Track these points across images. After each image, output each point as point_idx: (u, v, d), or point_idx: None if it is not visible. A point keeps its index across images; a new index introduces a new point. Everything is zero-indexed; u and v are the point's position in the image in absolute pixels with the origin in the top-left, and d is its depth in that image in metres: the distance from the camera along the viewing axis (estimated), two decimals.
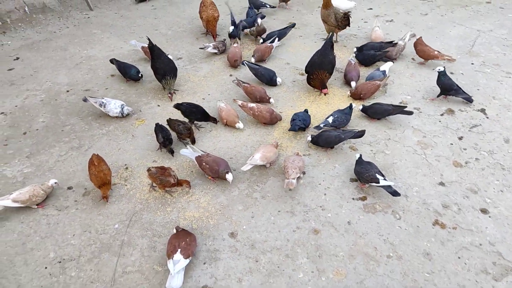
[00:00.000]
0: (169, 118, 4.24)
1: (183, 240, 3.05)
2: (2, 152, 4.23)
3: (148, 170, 3.59)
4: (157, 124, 4.13)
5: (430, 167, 3.89)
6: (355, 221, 3.39)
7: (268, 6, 7.09)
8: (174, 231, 3.19)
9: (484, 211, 3.47)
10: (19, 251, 3.23)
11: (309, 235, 3.29)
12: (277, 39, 5.75)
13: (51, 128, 4.53)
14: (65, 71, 5.57)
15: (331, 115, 4.30)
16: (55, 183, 3.63)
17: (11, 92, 5.18)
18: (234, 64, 5.41)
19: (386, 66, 5.05)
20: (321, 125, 4.22)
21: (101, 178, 3.53)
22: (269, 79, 5.07)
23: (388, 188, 3.49)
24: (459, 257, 3.11)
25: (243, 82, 4.81)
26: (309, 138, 4.10)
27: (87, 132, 4.46)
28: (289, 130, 4.24)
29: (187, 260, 2.96)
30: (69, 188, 3.79)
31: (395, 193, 3.45)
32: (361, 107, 4.49)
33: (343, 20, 5.70)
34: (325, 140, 4.02)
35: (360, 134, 4.01)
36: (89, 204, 3.61)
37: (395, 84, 5.05)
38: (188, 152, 3.89)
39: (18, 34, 6.57)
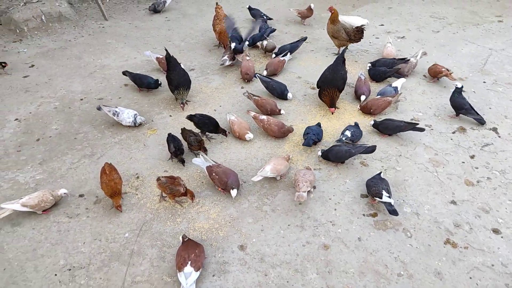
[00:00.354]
0: (183, 128, 4.27)
1: (192, 252, 3.05)
2: (15, 158, 4.28)
3: (158, 179, 3.61)
4: (169, 134, 4.17)
5: (441, 185, 3.87)
6: (366, 238, 3.37)
7: (265, 17, 7.26)
8: (181, 239, 3.20)
9: (496, 231, 3.43)
10: (29, 257, 3.25)
11: (319, 250, 3.28)
12: (289, 53, 5.79)
13: (64, 136, 4.59)
14: (79, 80, 5.65)
15: (347, 129, 4.31)
16: (65, 193, 3.65)
17: (26, 99, 5.26)
18: (245, 77, 5.45)
19: (398, 83, 5.07)
20: (343, 139, 4.22)
21: (112, 187, 3.55)
22: (280, 93, 5.10)
23: (388, 205, 3.48)
24: (470, 278, 3.07)
25: (254, 95, 4.84)
26: (319, 153, 4.11)
27: (99, 140, 4.50)
28: (303, 145, 4.23)
29: (198, 273, 2.96)
30: (81, 195, 3.82)
31: (392, 212, 3.44)
32: (372, 122, 4.50)
33: (357, 33, 5.77)
34: (336, 155, 4.02)
35: (371, 149, 4.01)
36: (100, 212, 3.63)
37: (406, 100, 5.05)
38: (199, 162, 3.92)
39: (34, 42, 6.69)
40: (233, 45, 5.66)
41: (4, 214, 3.50)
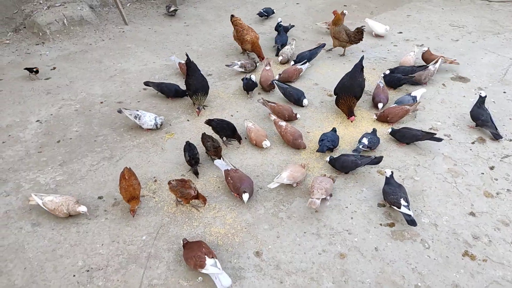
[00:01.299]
0: (204, 133, 4.30)
1: (200, 248, 3.11)
2: (36, 159, 4.37)
3: (169, 183, 3.64)
4: (187, 142, 4.19)
5: (460, 196, 3.83)
6: (383, 248, 3.35)
7: (266, 14, 7.67)
8: (182, 243, 3.24)
9: None
10: (49, 257, 3.31)
11: (335, 259, 3.27)
12: (307, 63, 5.79)
13: (84, 138, 4.67)
14: (100, 83, 5.75)
15: (364, 136, 4.28)
16: (83, 211, 3.57)
17: (47, 100, 5.37)
18: (268, 88, 5.45)
19: (418, 92, 5.02)
20: (360, 147, 4.19)
21: (130, 192, 3.58)
22: (297, 99, 5.11)
23: (406, 215, 3.47)
24: None
25: (269, 102, 4.85)
26: (327, 159, 4.09)
27: (118, 143, 4.57)
28: (317, 151, 4.23)
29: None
30: (100, 197, 3.88)
31: (410, 222, 3.44)
32: (390, 130, 4.48)
33: (356, 34, 5.97)
34: (342, 164, 4.01)
35: (377, 160, 3.97)
36: (118, 215, 3.69)
37: (425, 109, 5.00)
38: (220, 163, 3.96)
39: (56, 45, 6.83)
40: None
41: (33, 202, 3.64)
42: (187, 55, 4.99)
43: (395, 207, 3.52)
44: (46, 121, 4.98)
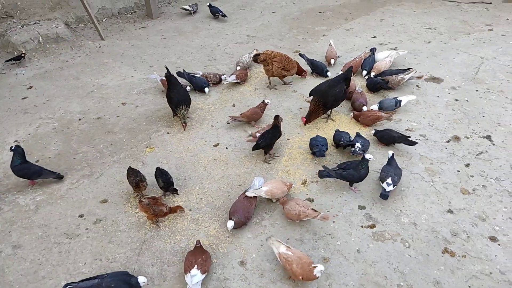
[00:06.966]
0: (130, 167, 4.06)
1: (199, 256, 3.16)
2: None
3: (140, 201, 3.63)
4: (157, 169, 4.05)
5: (438, 194, 3.92)
6: (365, 250, 3.40)
7: (221, 13, 8.22)
8: (195, 243, 3.29)
9: (493, 239, 3.47)
10: (31, 279, 3.26)
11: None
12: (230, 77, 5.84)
13: (63, 156, 4.63)
14: (77, 100, 5.71)
15: (356, 141, 4.33)
16: None
17: (25, 120, 5.31)
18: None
19: (405, 98, 5.06)
20: (357, 150, 4.26)
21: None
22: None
23: (382, 189, 3.84)
24: (469, 286, 3.10)
25: (237, 116, 4.96)
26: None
27: (98, 160, 4.55)
28: (317, 156, 4.31)
29: (203, 275, 3.08)
30: (81, 216, 3.84)
31: (382, 195, 3.80)
32: (373, 131, 4.58)
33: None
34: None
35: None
36: (100, 232, 3.66)
37: (400, 110, 5.10)
38: (255, 182, 3.95)
39: (32, 64, 6.76)
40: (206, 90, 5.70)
41: None
42: (166, 68, 5.00)
43: (381, 182, 3.83)
44: (24, 141, 4.92)
